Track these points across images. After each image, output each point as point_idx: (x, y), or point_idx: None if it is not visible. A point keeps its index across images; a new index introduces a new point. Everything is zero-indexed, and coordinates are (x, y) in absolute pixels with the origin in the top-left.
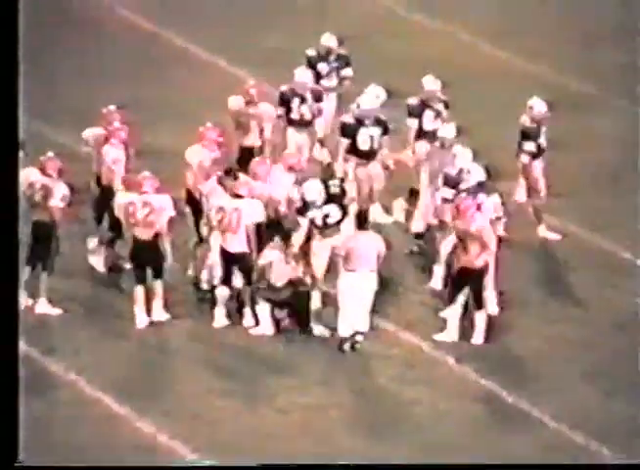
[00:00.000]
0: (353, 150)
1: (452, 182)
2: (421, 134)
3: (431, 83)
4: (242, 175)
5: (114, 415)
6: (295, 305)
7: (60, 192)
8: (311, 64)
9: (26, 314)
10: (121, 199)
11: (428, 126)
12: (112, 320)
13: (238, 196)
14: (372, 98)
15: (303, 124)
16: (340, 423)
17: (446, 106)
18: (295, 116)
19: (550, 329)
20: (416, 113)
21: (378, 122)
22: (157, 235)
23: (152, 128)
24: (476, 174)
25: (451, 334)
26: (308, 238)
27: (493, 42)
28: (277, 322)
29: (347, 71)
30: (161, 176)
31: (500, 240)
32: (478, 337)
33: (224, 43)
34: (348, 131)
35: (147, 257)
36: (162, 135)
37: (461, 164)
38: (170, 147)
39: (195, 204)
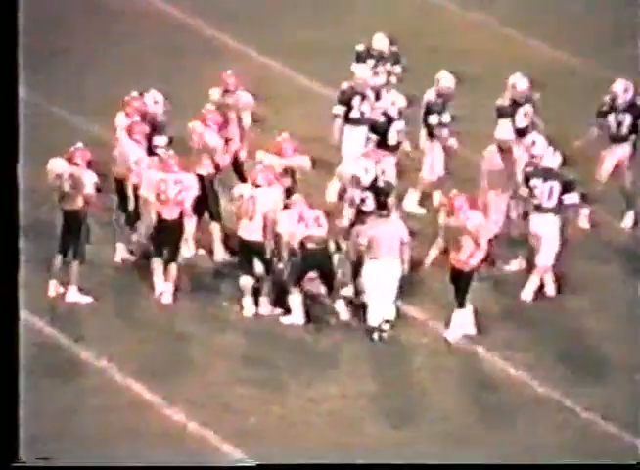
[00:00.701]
0: (383, 144)
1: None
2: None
3: (521, 83)
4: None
5: (142, 403)
6: (318, 264)
7: (90, 180)
8: (361, 59)
9: (57, 302)
10: (152, 176)
11: (520, 125)
12: (141, 308)
13: (258, 185)
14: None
15: (362, 123)
16: (368, 412)
17: (529, 101)
18: (355, 114)
19: (579, 320)
20: (507, 113)
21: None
22: (181, 215)
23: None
24: (548, 159)
25: (455, 332)
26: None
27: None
28: (307, 312)
29: (397, 69)
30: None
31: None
32: (453, 333)
33: (254, 35)
34: (379, 128)
35: (169, 236)
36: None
37: (539, 150)
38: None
39: (202, 188)
